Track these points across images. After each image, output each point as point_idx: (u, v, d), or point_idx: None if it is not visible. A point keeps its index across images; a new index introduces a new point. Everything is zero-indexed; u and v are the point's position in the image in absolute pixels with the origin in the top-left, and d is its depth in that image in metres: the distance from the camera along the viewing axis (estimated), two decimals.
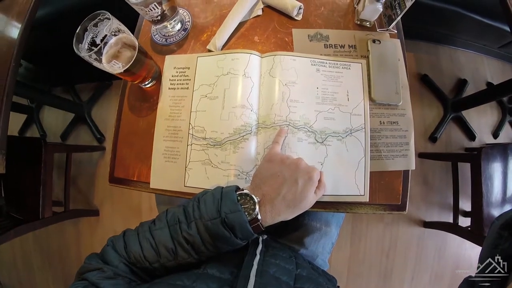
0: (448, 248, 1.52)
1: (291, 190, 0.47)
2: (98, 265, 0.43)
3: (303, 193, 0.47)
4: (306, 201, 0.48)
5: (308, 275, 0.48)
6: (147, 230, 0.47)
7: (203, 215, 0.44)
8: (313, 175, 0.48)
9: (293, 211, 0.48)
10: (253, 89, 0.59)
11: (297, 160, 0.50)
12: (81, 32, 0.51)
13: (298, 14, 0.66)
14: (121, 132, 0.65)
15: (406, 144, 0.59)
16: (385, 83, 0.61)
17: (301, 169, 0.48)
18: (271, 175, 0.49)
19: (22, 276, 1.74)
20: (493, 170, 1.09)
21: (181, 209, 0.48)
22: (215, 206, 0.44)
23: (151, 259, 0.45)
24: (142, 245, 0.45)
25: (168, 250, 0.45)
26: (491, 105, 1.65)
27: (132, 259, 0.45)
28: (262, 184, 0.48)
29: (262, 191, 0.47)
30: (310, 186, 0.48)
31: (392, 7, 0.61)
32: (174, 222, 0.46)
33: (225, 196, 0.45)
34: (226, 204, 0.44)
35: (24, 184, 1.22)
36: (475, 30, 1.48)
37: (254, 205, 0.45)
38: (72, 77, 1.83)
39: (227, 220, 0.43)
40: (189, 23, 0.69)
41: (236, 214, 0.43)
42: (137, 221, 1.68)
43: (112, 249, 0.46)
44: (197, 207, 0.46)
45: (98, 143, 1.77)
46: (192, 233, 0.44)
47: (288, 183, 0.47)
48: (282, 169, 0.49)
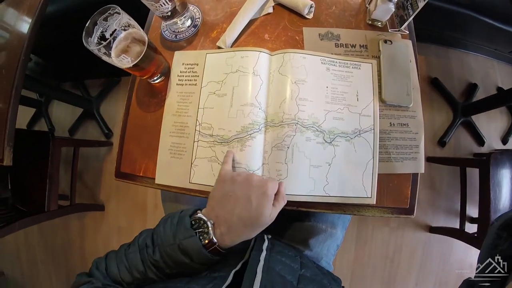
0: (453, 255, 1.49)
1: (245, 208, 0.46)
2: (87, 279, 0.44)
3: (259, 210, 0.45)
4: (264, 217, 0.46)
5: (312, 276, 0.47)
6: (123, 254, 0.48)
7: (163, 241, 0.45)
8: (267, 190, 0.46)
9: (253, 229, 0.47)
10: (262, 87, 0.59)
11: (249, 176, 0.49)
12: (91, 26, 0.51)
13: (309, 13, 0.66)
14: (129, 127, 0.65)
15: (416, 147, 0.58)
16: (396, 84, 0.60)
17: (253, 185, 0.47)
18: (223, 196, 0.48)
19: (25, 268, 1.76)
20: (502, 176, 1.07)
21: (150, 232, 0.49)
22: (172, 231, 0.45)
23: (127, 280, 0.46)
24: (119, 268, 0.47)
25: (140, 273, 0.46)
26: (501, 110, 1.62)
27: (112, 279, 0.46)
28: (216, 206, 0.48)
29: (216, 213, 0.47)
30: (265, 202, 0.46)
31: (404, 8, 0.60)
32: (143, 247, 0.47)
33: (180, 221, 0.46)
34: (180, 230, 0.45)
35: (30, 177, 1.23)
36: (486, 34, 1.46)
37: (208, 228, 0.45)
38: (81, 73, 1.85)
39: (181, 246, 0.43)
40: (199, 20, 0.69)
41: (190, 240, 0.43)
42: (141, 217, 1.69)
43: (96, 269, 0.47)
44: (159, 232, 0.46)
45: (106, 138, 1.78)
46: (156, 258, 0.45)
47: (241, 201, 0.46)
48: (234, 188, 0.48)
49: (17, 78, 0.81)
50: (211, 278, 0.40)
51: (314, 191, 0.55)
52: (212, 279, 0.40)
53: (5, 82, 0.81)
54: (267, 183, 0.47)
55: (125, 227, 1.69)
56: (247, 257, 0.44)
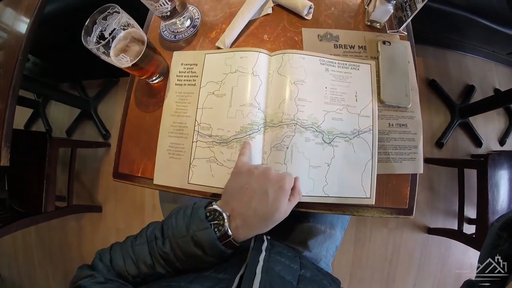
0: (451, 256, 1.50)
1: (262, 202, 0.45)
2: (89, 272, 0.43)
3: (275, 204, 0.45)
4: (279, 212, 0.46)
5: (312, 277, 0.47)
6: (129, 246, 0.47)
7: (174, 233, 0.44)
8: (284, 184, 0.46)
9: (267, 224, 0.46)
10: (261, 88, 0.59)
11: (266, 169, 0.48)
12: (90, 24, 0.51)
13: (308, 14, 0.66)
14: (127, 127, 0.65)
15: (415, 147, 0.59)
16: (395, 85, 0.60)
17: (271, 179, 0.46)
18: (239, 188, 0.47)
19: (22, 269, 1.74)
20: (500, 177, 1.07)
21: (159, 224, 0.48)
22: (185, 223, 0.44)
23: (132, 274, 0.45)
24: (125, 260, 0.46)
25: (147, 266, 0.45)
26: (498, 111, 1.63)
27: (117, 272, 0.45)
28: (231, 198, 0.47)
29: (231, 205, 0.46)
30: (282, 196, 0.45)
31: (403, 9, 0.60)
32: (152, 239, 0.46)
33: (194, 213, 0.45)
34: (194, 221, 0.44)
35: (28, 178, 1.22)
36: (484, 35, 1.47)
37: (223, 220, 0.44)
38: (79, 73, 1.84)
39: (195, 238, 0.42)
40: (198, 20, 0.69)
41: (204, 232, 0.42)
42: (139, 219, 1.69)
43: (100, 261, 0.46)
44: (171, 224, 0.45)
45: (104, 139, 1.78)
46: (166, 250, 0.44)
47: (257, 195, 0.46)
48: (250, 180, 0.47)
49: (14, 78, 0.81)
50: (216, 280, 0.40)
51: (313, 192, 0.55)
52: (217, 281, 0.39)
53: (3, 82, 0.81)
54: (285, 177, 0.47)
55: (123, 229, 1.68)
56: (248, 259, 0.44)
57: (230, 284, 0.37)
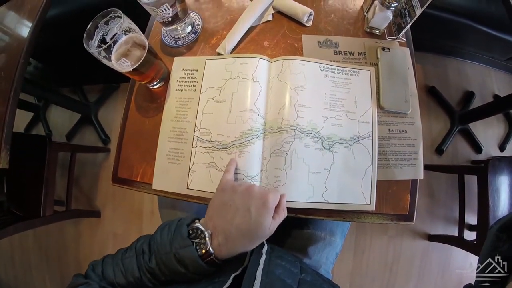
0: (452, 263, 1.48)
1: (244, 219, 0.45)
2: (84, 280, 0.44)
3: (258, 221, 0.44)
4: (263, 229, 0.45)
5: (312, 281, 0.46)
6: (119, 258, 0.47)
7: (159, 248, 0.44)
8: (267, 200, 0.45)
9: (251, 241, 0.46)
10: (261, 94, 0.59)
11: (250, 186, 0.48)
12: (92, 28, 0.51)
13: (308, 21, 0.66)
14: (127, 131, 0.65)
15: (415, 153, 0.59)
16: (394, 91, 0.60)
17: (254, 196, 0.46)
18: (223, 205, 0.47)
19: (19, 273, 1.73)
20: (500, 183, 1.07)
21: (148, 238, 0.48)
22: (169, 239, 0.44)
23: (122, 285, 0.45)
24: (115, 272, 0.46)
25: (135, 279, 0.45)
26: (497, 117, 1.63)
27: (108, 283, 0.46)
28: (215, 215, 0.47)
29: (214, 222, 0.46)
30: (265, 213, 0.45)
31: (402, 15, 0.61)
32: (140, 253, 0.46)
33: (177, 230, 0.45)
34: (176, 238, 0.44)
35: (27, 181, 1.22)
36: (482, 42, 1.48)
37: (205, 239, 0.44)
38: (80, 78, 1.85)
39: (177, 255, 0.42)
40: (199, 26, 0.69)
41: (186, 250, 0.42)
42: (137, 224, 1.68)
43: (92, 272, 0.47)
44: (156, 239, 0.46)
45: (103, 144, 1.77)
46: (152, 265, 0.44)
47: (240, 212, 0.45)
48: (234, 197, 0.47)
49: (16, 81, 0.81)
50: (210, 282, 0.40)
51: (313, 198, 0.55)
52: (211, 283, 0.39)
53: (4, 85, 0.81)
54: (268, 195, 0.46)
55: (120, 234, 1.67)
56: (247, 262, 0.44)
57: (224, 283, 0.37)
